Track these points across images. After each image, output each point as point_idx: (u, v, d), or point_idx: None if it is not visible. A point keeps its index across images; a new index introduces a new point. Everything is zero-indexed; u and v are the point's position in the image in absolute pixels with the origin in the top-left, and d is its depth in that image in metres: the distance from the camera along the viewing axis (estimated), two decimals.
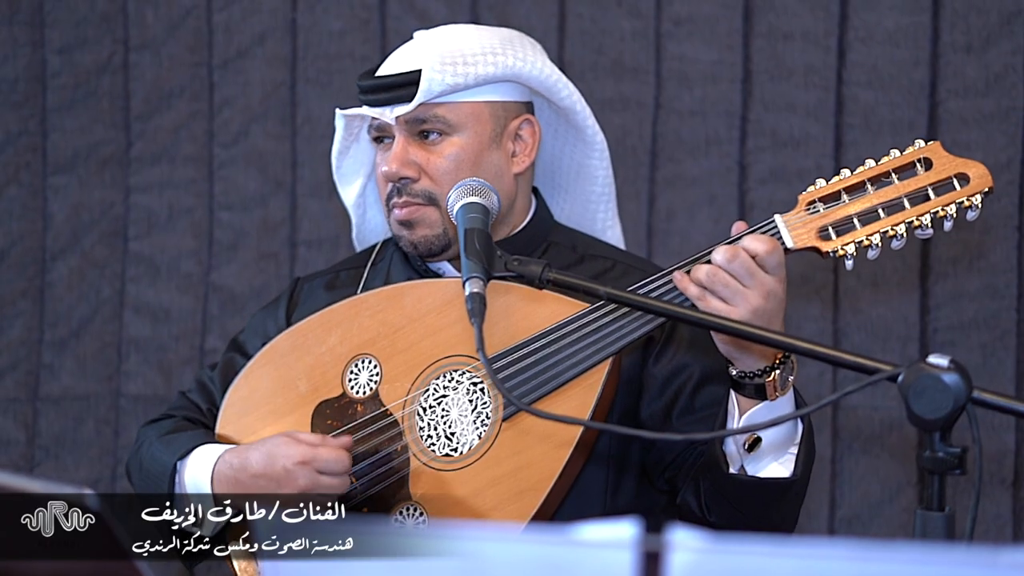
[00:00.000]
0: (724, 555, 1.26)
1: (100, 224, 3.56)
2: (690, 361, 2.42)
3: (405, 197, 2.43)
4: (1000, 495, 3.23)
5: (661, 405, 2.41)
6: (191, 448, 2.40)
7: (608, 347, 2.26)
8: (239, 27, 3.51)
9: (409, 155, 2.44)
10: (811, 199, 2.22)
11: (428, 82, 2.41)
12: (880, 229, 2.19)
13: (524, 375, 2.28)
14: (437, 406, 2.34)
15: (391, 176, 2.44)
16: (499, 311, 2.30)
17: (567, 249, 2.55)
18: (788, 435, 2.28)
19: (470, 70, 2.42)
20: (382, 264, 2.60)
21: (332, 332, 2.42)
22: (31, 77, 3.55)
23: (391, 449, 2.34)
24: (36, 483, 1.47)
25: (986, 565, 1.25)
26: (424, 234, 2.45)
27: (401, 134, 2.44)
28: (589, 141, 2.58)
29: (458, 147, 2.44)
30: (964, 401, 1.70)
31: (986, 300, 3.25)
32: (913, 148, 2.21)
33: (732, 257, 2.15)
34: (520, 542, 1.30)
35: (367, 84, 2.48)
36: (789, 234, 2.21)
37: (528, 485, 2.26)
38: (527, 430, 2.28)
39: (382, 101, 2.45)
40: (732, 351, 2.20)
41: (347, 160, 2.61)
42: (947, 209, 2.18)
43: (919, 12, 3.26)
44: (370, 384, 2.38)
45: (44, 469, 3.52)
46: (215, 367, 2.60)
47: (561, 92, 2.50)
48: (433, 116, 2.44)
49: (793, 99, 3.31)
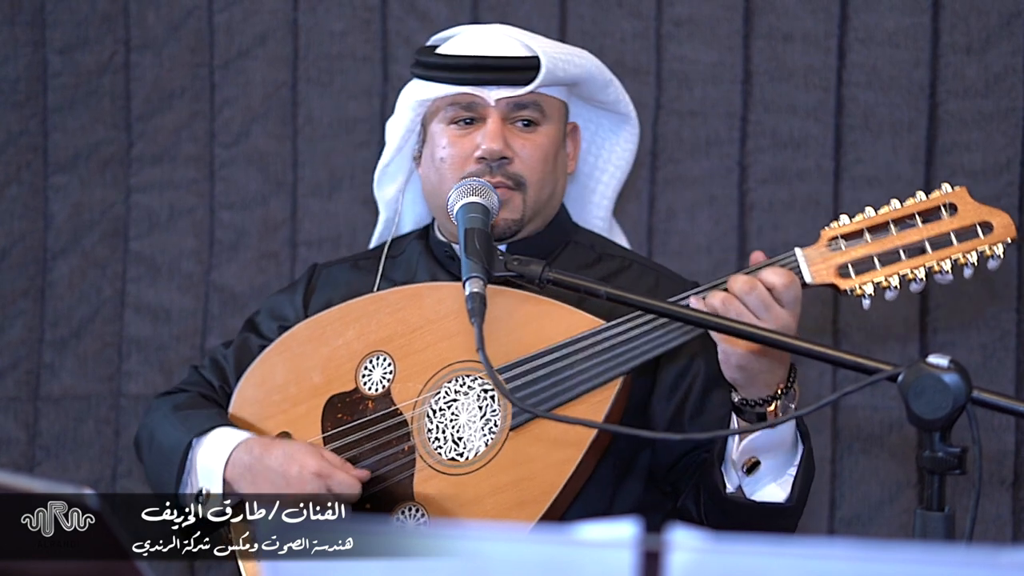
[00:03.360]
0: (724, 555, 1.26)
1: (101, 224, 3.56)
2: (696, 364, 2.42)
3: (499, 176, 2.43)
4: (1000, 495, 3.23)
5: (671, 409, 2.42)
6: (209, 428, 2.41)
7: (621, 365, 2.26)
8: (240, 27, 3.51)
9: (506, 137, 2.44)
10: (833, 235, 2.20)
11: (548, 70, 2.43)
12: (900, 271, 2.17)
13: (534, 387, 2.28)
14: (447, 409, 2.34)
15: (493, 154, 2.43)
16: (515, 321, 2.31)
17: (586, 248, 2.57)
18: (787, 457, 2.28)
19: (568, 67, 2.47)
20: (401, 257, 2.60)
21: (350, 326, 2.42)
22: (32, 77, 3.55)
23: (398, 448, 2.35)
24: (36, 483, 1.47)
25: (986, 565, 1.25)
26: (504, 216, 2.45)
27: (496, 117, 2.45)
28: (631, 123, 2.63)
29: (547, 137, 2.48)
30: (964, 401, 1.70)
31: (986, 301, 3.26)
32: (939, 192, 2.20)
33: (749, 289, 2.13)
34: (520, 542, 1.30)
35: (467, 63, 2.47)
36: (808, 269, 2.19)
37: (530, 496, 2.26)
38: (533, 441, 2.28)
39: (486, 81, 2.44)
40: (738, 379, 2.20)
41: (399, 157, 2.59)
42: (968, 257, 2.16)
43: (919, 13, 3.26)
44: (383, 381, 2.38)
45: (44, 469, 3.52)
46: (229, 345, 2.61)
47: (609, 87, 2.57)
48: (534, 103, 2.47)
49: (793, 100, 3.31)
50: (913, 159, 3.26)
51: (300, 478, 2.29)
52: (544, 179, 2.48)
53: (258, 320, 2.63)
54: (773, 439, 2.24)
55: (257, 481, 2.33)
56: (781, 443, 2.26)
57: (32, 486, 1.48)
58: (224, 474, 2.36)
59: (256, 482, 2.33)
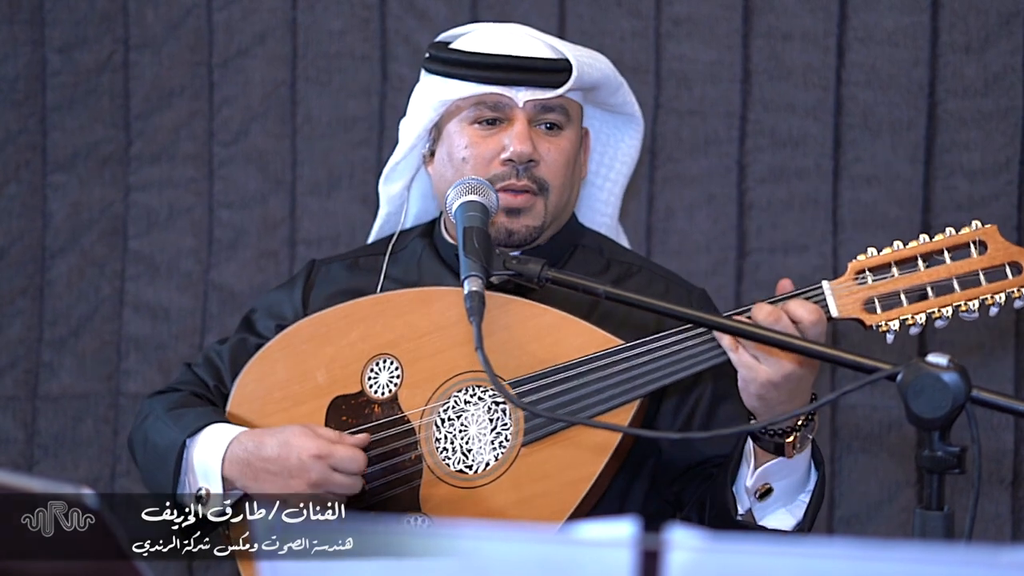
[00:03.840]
0: (723, 554, 1.26)
1: (100, 223, 3.56)
2: (701, 384, 2.41)
3: (525, 180, 2.40)
4: (999, 494, 3.24)
5: (678, 424, 2.40)
6: (202, 426, 2.37)
7: (638, 388, 2.23)
8: (239, 26, 3.51)
9: (532, 140, 2.42)
10: (861, 268, 2.18)
11: (579, 73, 2.40)
12: (927, 310, 2.15)
13: (548, 404, 2.25)
14: (456, 419, 2.30)
15: (523, 156, 2.39)
16: (529, 334, 2.28)
17: (595, 252, 2.55)
18: (800, 481, 2.26)
19: (592, 71, 2.45)
20: (402, 254, 2.58)
21: (355, 327, 2.38)
22: (31, 75, 3.55)
23: (405, 457, 2.31)
24: (36, 482, 1.47)
25: (985, 565, 1.25)
26: (526, 223, 2.43)
27: (523, 119, 2.41)
28: (636, 123, 2.61)
29: (569, 142, 2.46)
30: (963, 400, 1.70)
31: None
32: (969, 229, 2.18)
33: (775, 320, 2.10)
34: (520, 541, 1.30)
35: (499, 62, 2.42)
36: (835, 303, 2.17)
37: (544, 515, 2.23)
38: (548, 459, 2.25)
39: (516, 81, 2.41)
40: (757, 407, 2.17)
41: (411, 155, 2.55)
42: (996, 297, 2.15)
43: (918, 12, 3.26)
44: (390, 386, 2.34)
45: (43, 468, 3.52)
46: (224, 342, 2.58)
47: (620, 90, 2.55)
48: (560, 107, 2.44)
49: (792, 99, 3.31)
50: (912, 158, 3.26)
51: (301, 465, 2.25)
52: (565, 184, 2.46)
53: (255, 318, 2.58)
54: (788, 466, 2.22)
55: (258, 477, 2.28)
56: (795, 470, 2.24)
57: (32, 486, 1.48)
58: (222, 471, 2.32)
59: (257, 477, 2.29)
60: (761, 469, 2.22)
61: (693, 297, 2.52)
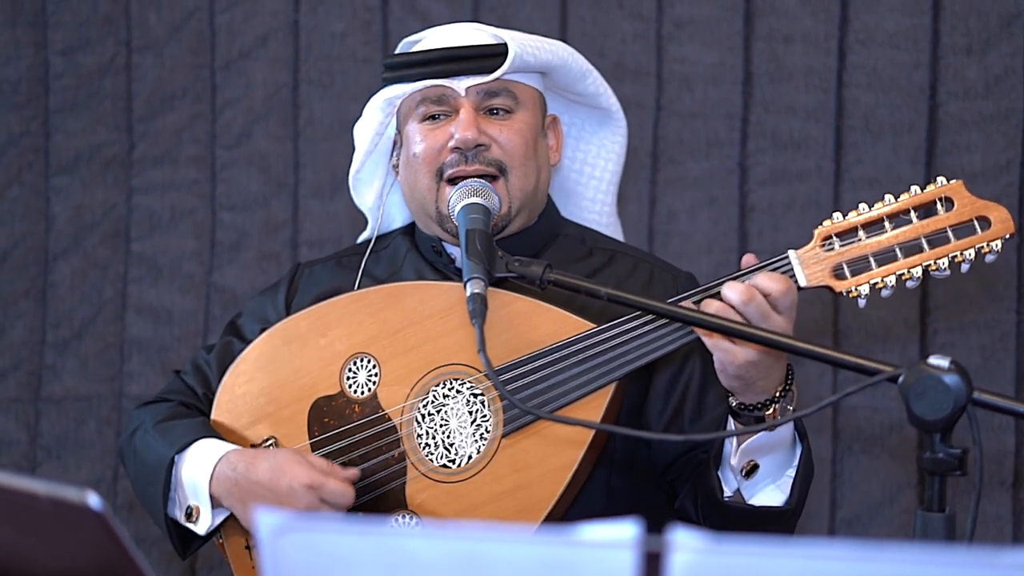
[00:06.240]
0: (725, 555, 1.26)
1: (102, 225, 3.56)
2: (690, 364, 2.41)
3: (476, 165, 2.40)
4: (1000, 496, 3.24)
5: (668, 410, 2.40)
6: (190, 442, 2.37)
7: (613, 371, 2.23)
8: (241, 29, 3.52)
9: (480, 125, 2.42)
10: (827, 234, 2.15)
11: (516, 54, 2.40)
12: (896, 271, 2.12)
13: (526, 392, 2.25)
14: (436, 414, 2.30)
15: (467, 142, 2.39)
16: (502, 322, 2.27)
17: (576, 241, 2.54)
18: (786, 457, 2.26)
19: (538, 53, 2.44)
20: (384, 252, 2.58)
21: (332, 327, 2.38)
22: (34, 78, 3.56)
23: (388, 455, 2.31)
24: (38, 484, 1.48)
25: (986, 566, 1.25)
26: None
27: (468, 107, 2.42)
28: (615, 119, 2.60)
29: (524, 123, 2.45)
30: (964, 402, 1.70)
31: (986, 302, 3.26)
32: (935, 186, 2.14)
33: (747, 300, 2.09)
34: (520, 542, 1.30)
35: (434, 55, 2.44)
36: (803, 272, 2.15)
37: (528, 505, 2.24)
38: (528, 448, 2.25)
39: (454, 71, 2.42)
40: (735, 386, 2.16)
41: (370, 161, 2.56)
42: (966, 253, 2.11)
43: (919, 14, 3.26)
44: (368, 384, 2.35)
45: (46, 470, 3.53)
46: (211, 349, 2.57)
47: (587, 78, 2.53)
48: (506, 90, 2.44)
49: (793, 101, 3.32)
50: (913, 160, 3.26)
51: (291, 492, 2.25)
52: (528, 166, 2.44)
53: (240, 323, 2.58)
54: (772, 441, 2.23)
55: (246, 499, 2.29)
56: (780, 444, 2.24)
57: (34, 488, 1.48)
58: (210, 489, 2.33)
59: (245, 499, 2.29)
60: (744, 446, 2.22)
61: (679, 282, 2.51)
